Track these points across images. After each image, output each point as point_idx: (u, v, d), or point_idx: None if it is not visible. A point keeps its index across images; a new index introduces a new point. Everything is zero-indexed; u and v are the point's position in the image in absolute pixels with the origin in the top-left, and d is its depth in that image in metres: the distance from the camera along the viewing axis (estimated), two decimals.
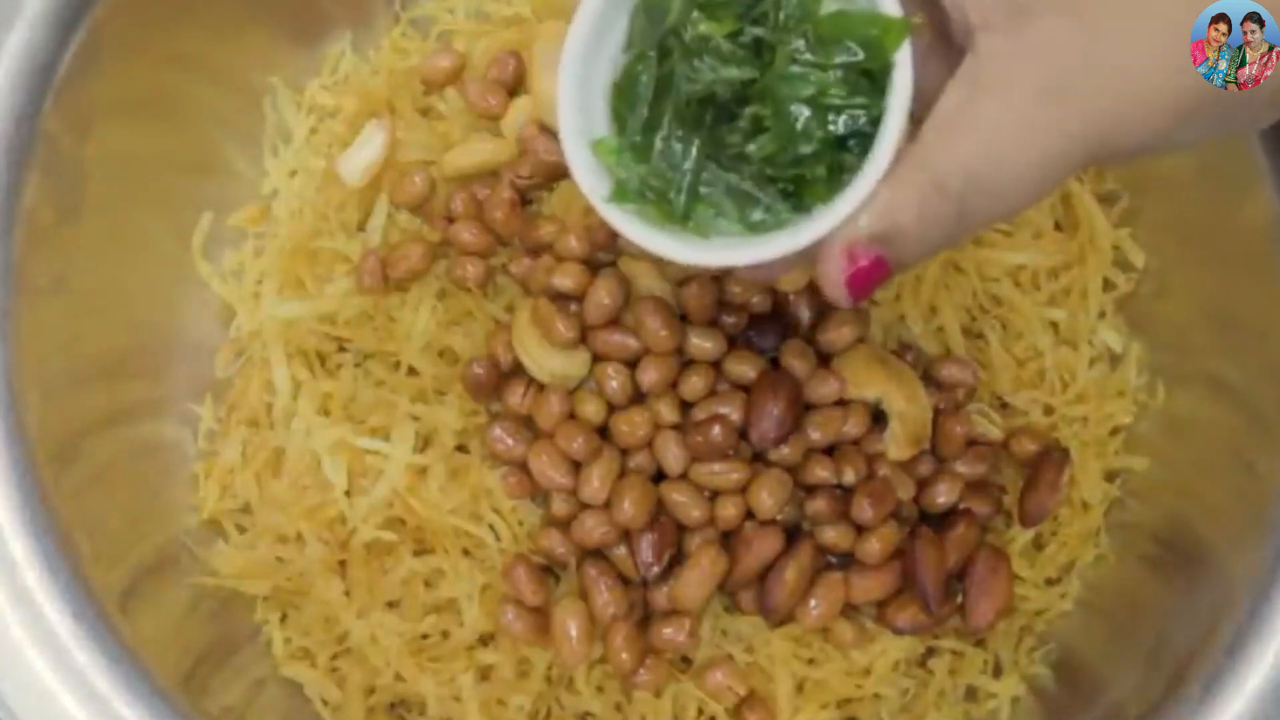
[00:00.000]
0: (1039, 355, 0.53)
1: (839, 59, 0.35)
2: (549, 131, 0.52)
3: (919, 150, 0.33)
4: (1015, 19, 0.32)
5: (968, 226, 0.34)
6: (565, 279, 0.48)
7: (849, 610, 0.50)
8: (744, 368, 0.48)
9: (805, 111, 0.35)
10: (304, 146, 0.56)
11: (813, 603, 0.49)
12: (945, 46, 0.35)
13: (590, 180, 0.37)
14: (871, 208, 0.34)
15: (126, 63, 0.49)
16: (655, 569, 0.48)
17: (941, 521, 0.51)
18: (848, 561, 0.50)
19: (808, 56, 0.35)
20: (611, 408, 0.49)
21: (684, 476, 0.48)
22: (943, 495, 0.50)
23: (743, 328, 0.49)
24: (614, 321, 0.49)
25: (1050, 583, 0.53)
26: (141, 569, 0.49)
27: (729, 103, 0.36)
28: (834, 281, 0.34)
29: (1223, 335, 0.51)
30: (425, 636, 0.51)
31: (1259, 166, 0.46)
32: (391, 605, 0.51)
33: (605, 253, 0.50)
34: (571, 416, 0.49)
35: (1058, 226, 0.54)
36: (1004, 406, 0.53)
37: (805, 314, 0.50)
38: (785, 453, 0.48)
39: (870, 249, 0.34)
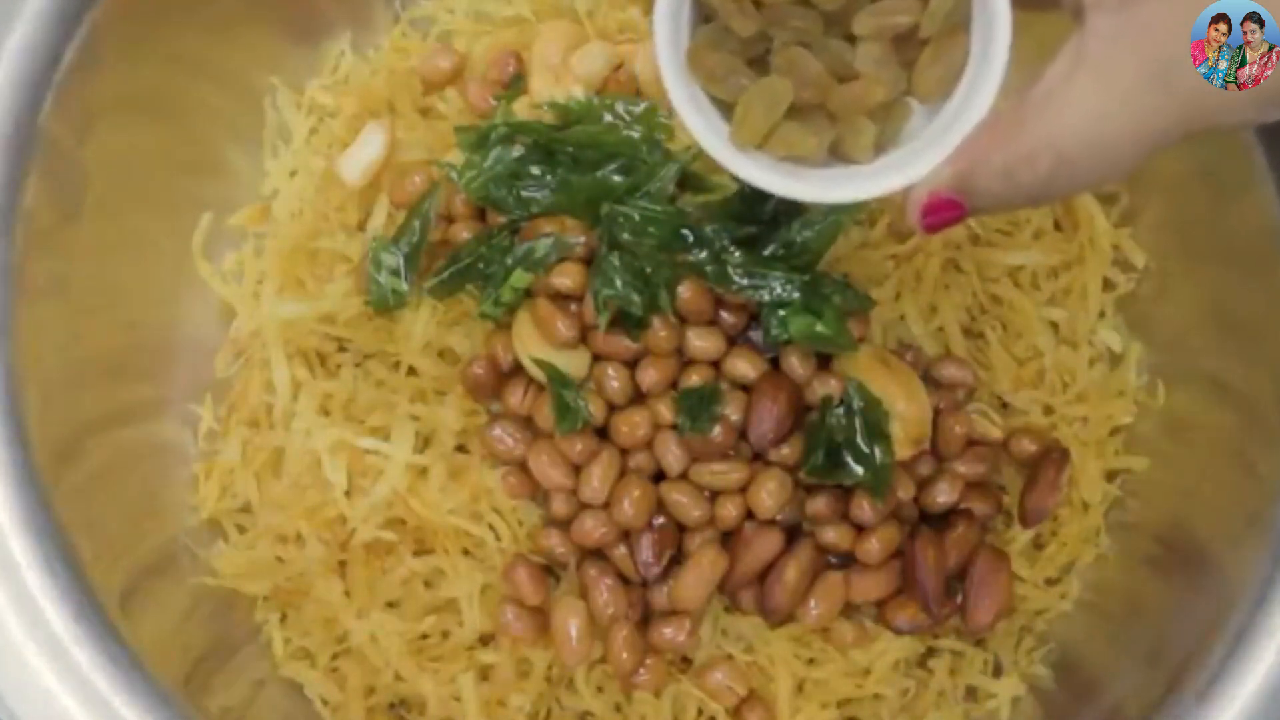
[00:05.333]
0: (1039, 355, 0.53)
1: None
2: None
3: (1017, 118, 0.35)
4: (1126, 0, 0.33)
5: (1051, 195, 0.35)
6: (565, 279, 0.48)
7: (849, 610, 0.50)
8: (744, 368, 0.48)
9: None
10: (304, 146, 0.56)
11: (813, 603, 0.49)
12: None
13: (709, 137, 0.38)
14: (960, 162, 0.36)
15: (127, 62, 0.49)
16: (655, 569, 0.48)
17: (941, 521, 0.51)
18: (848, 561, 0.50)
19: None
20: (611, 408, 0.49)
21: (684, 476, 0.48)
22: (943, 495, 0.50)
23: (742, 328, 0.49)
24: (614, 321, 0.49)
25: (1050, 583, 0.53)
26: (141, 569, 0.49)
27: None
28: (913, 214, 0.37)
29: (1223, 335, 0.51)
30: (425, 636, 0.51)
31: (1258, 167, 0.46)
32: (391, 605, 0.51)
33: None
34: None
35: (1057, 226, 0.54)
36: (1004, 406, 0.53)
37: None
38: (785, 453, 0.48)
39: (951, 196, 0.36)
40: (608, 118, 0.50)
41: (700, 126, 0.38)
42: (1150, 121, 0.33)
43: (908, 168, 0.37)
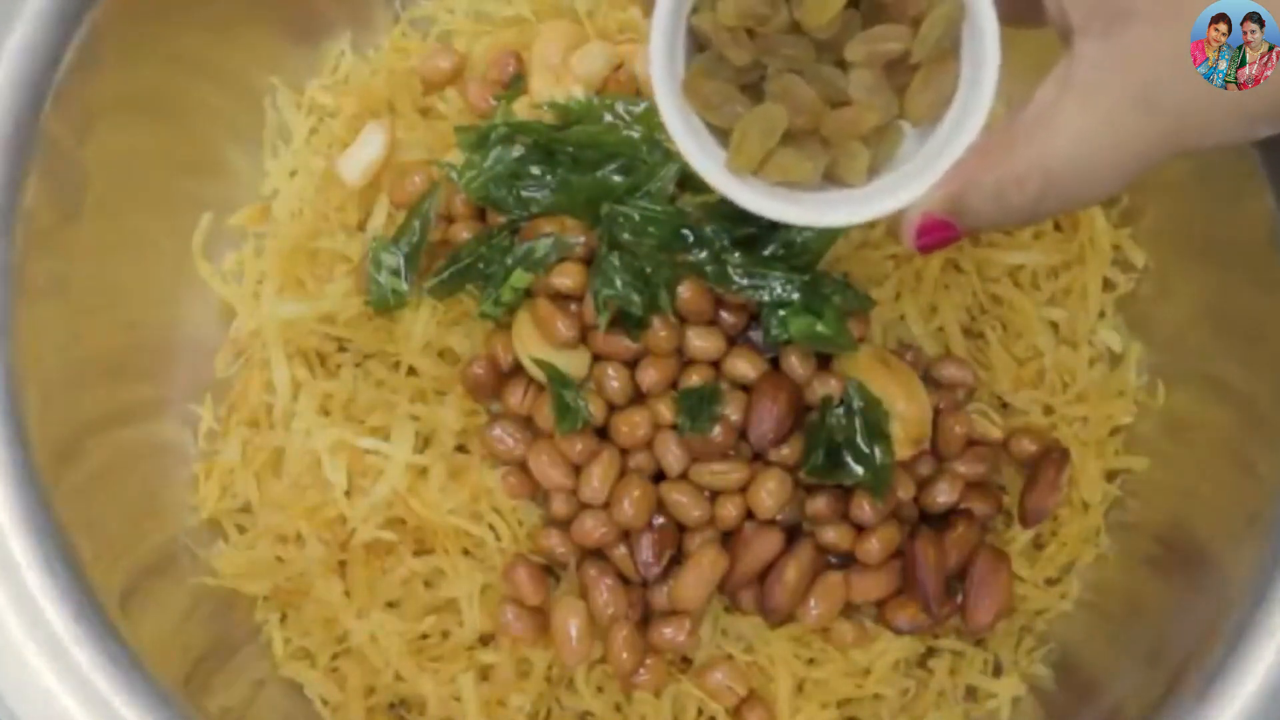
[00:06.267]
0: (1039, 355, 0.53)
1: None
2: None
3: (1007, 141, 0.35)
4: (1112, 25, 0.33)
5: (1041, 215, 0.36)
6: (565, 279, 0.48)
7: (849, 610, 0.50)
8: (744, 368, 0.48)
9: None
10: (304, 146, 0.56)
11: (813, 603, 0.49)
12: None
13: (705, 164, 0.39)
14: (951, 185, 0.37)
15: (126, 62, 0.49)
16: (655, 569, 0.48)
17: (941, 521, 0.51)
18: (848, 561, 0.50)
19: None
20: (611, 408, 0.49)
21: (684, 476, 0.48)
22: (943, 495, 0.50)
23: (742, 328, 0.49)
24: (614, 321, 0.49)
25: (1050, 583, 0.53)
26: (141, 569, 0.49)
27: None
28: (908, 235, 0.38)
29: (1222, 335, 0.51)
30: (425, 636, 0.51)
31: (1257, 168, 0.46)
32: (391, 605, 0.51)
33: None
34: None
35: (1057, 226, 0.54)
36: (1004, 406, 0.53)
37: None
38: (785, 453, 0.48)
39: (944, 218, 0.37)
40: (608, 118, 0.50)
41: (696, 153, 0.39)
42: (1136, 143, 0.34)
43: (901, 191, 0.38)
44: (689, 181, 0.49)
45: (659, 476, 0.49)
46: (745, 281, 0.47)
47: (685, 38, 0.39)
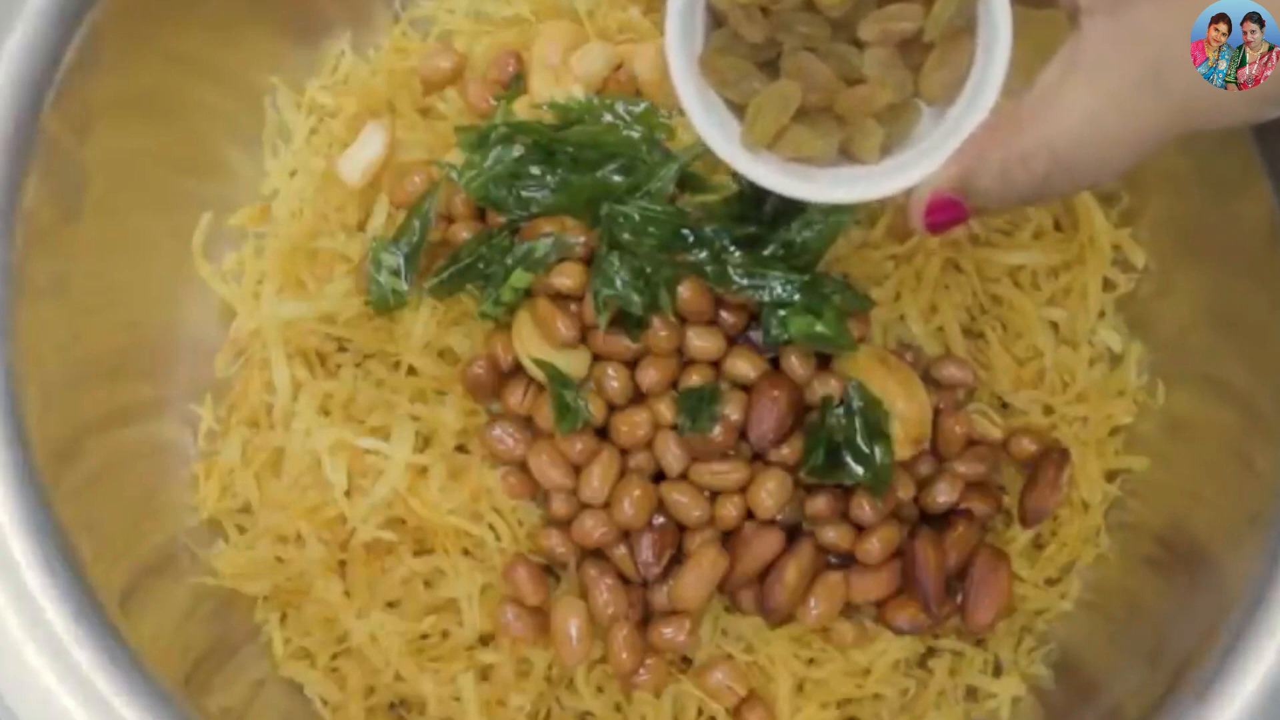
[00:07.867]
0: (1039, 355, 0.53)
1: None
2: None
3: (1015, 119, 0.35)
4: (1119, 4, 0.33)
5: (1048, 194, 0.36)
6: (565, 279, 0.48)
7: (849, 610, 0.50)
8: (744, 368, 0.48)
9: None
10: (304, 146, 0.56)
11: (813, 603, 0.49)
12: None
13: (719, 139, 0.39)
14: (960, 163, 0.37)
15: (126, 62, 0.49)
16: (655, 569, 0.48)
17: (941, 521, 0.51)
18: (848, 561, 0.50)
19: None
20: (611, 408, 0.49)
21: (684, 476, 0.48)
22: (943, 495, 0.50)
23: (742, 328, 0.49)
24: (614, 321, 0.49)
25: (1050, 583, 0.53)
26: (141, 569, 0.49)
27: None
28: (916, 214, 0.38)
29: (1223, 335, 0.51)
30: (425, 636, 0.51)
31: (1257, 166, 0.46)
32: (391, 605, 0.51)
33: None
34: None
35: (1058, 226, 0.54)
36: (1004, 406, 0.53)
37: None
38: (785, 453, 0.48)
39: (952, 196, 0.37)
40: (608, 118, 0.50)
41: (711, 129, 0.39)
42: (1142, 123, 0.34)
43: (912, 168, 0.38)
44: (689, 181, 0.49)
45: (659, 476, 0.49)
46: (745, 281, 0.47)
47: (702, 15, 0.39)
